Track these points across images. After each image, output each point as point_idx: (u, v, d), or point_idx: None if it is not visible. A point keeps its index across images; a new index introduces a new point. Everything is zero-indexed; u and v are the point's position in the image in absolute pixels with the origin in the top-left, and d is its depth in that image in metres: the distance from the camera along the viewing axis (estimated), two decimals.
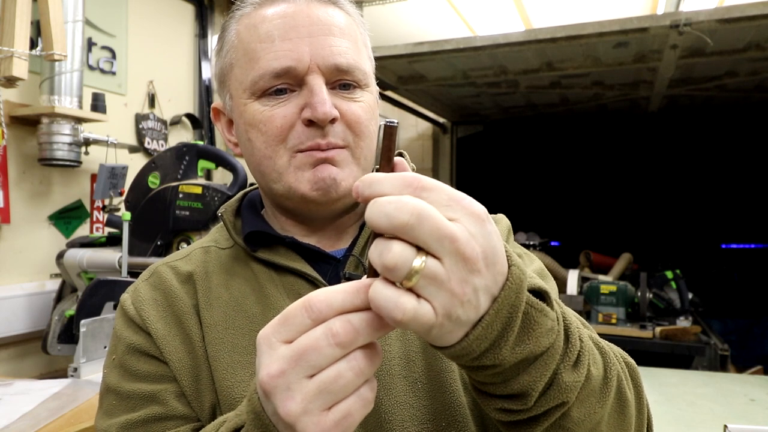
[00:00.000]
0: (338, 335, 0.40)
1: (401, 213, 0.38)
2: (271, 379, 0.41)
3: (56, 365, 2.31)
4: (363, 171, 0.71)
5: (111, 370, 0.71)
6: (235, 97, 0.71)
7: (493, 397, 0.50)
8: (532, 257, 0.81)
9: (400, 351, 0.68)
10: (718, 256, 5.75)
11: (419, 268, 0.39)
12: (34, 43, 2.06)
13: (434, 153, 5.26)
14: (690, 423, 1.79)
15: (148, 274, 0.76)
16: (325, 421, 0.41)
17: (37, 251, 2.30)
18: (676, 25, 2.55)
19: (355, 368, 0.41)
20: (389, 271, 0.39)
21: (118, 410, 0.68)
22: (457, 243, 0.39)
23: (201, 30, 3.15)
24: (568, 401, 0.50)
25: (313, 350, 0.40)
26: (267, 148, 0.68)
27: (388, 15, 3.47)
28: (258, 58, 0.67)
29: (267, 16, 0.68)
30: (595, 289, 3.38)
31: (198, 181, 2.20)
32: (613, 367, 0.56)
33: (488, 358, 0.44)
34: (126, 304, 0.73)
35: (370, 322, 0.41)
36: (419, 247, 0.39)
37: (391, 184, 0.41)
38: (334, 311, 0.41)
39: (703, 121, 5.20)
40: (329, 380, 0.40)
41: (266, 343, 0.43)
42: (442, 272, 0.39)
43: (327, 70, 0.67)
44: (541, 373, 0.47)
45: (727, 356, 2.98)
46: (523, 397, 0.48)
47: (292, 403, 0.41)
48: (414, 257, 0.39)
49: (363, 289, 0.42)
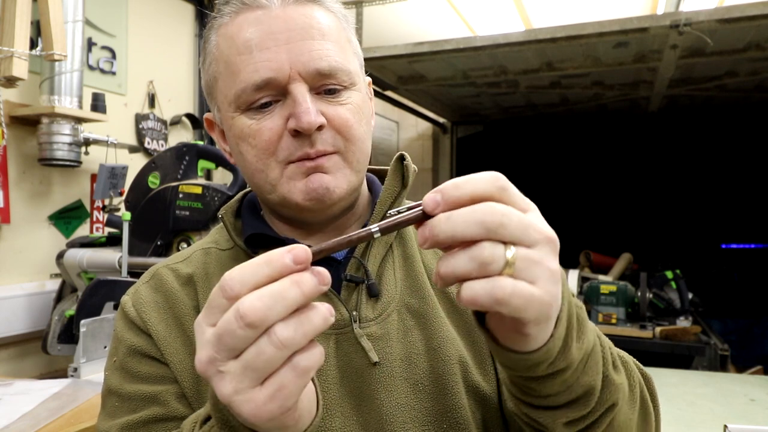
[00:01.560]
0: (246, 316, 0.39)
1: (493, 215, 0.42)
2: (203, 366, 0.42)
3: (56, 365, 2.31)
4: (356, 173, 0.70)
5: (112, 372, 0.71)
6: (222, 110, 0.71)
7: (559, 409, 0.53)
8: None
9: (401, 353, 0.68)
10: (718, 256, 5.75)
11: (514, 256, 0.42)
12: (34, 43, 2.06)
13: (434, 153, 5.26)
14: (690, 423, 1.79)
15: (149, 276, 0.76)
16: (258, 397, 0.40)
17: (37, 251, 2.30)
18: (676, 25, 2.55)
19: (276, 342, 0.40)
20: (486, 266, 0.41)
21: (120, 412, 0.68)
22: (541, 231, 0.44)
23: (201, 30, 3.15)
24: (617, 402, 0.55)
25: (228, 334, 0.40)
26: (258, 162, 0.67)
27: (388, 15, 3.47)
28: (238, 71, 0.66)
29: (243, 25, 0.66)
30: (595, 289, 3.38)
31: (198, 181, 2.20)
32: (634, 374, 0.61)
33: (562, 360, 0.48)
34: (126, 306, 0.73)
35: (281, 293, 0.40)
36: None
37: (473, 187, 0.44)
38: (248, 287, 0.41)
39: (703, 121, 5.20)
40: (251, 358, 0.40)
41: (198, 329, 0.43)
42: (536, 254, 0.43)
43: (309, 76, 0.65)
44: (596, 370, 0.52)
45: (727, 356, 2.98)
46: (586, 399, 0.52)
47: (223, 384, 0.41)
48: (504, 249, 0.42)
49: (274, 258, 0.41)
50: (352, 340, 0.68)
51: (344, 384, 0.66)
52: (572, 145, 5.91)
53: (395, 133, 5.17)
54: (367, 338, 0.68)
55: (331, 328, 0.68)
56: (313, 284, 0.41)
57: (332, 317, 0.42)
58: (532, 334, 0.45)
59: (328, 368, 0.66)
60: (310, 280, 0.41)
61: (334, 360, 0.67)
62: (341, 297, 0.69)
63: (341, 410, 0.65)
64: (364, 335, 0.68)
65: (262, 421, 0.41)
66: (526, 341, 0.46)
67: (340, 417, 0.64)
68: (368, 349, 0.67)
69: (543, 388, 0.50)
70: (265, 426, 0.42)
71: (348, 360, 0.67)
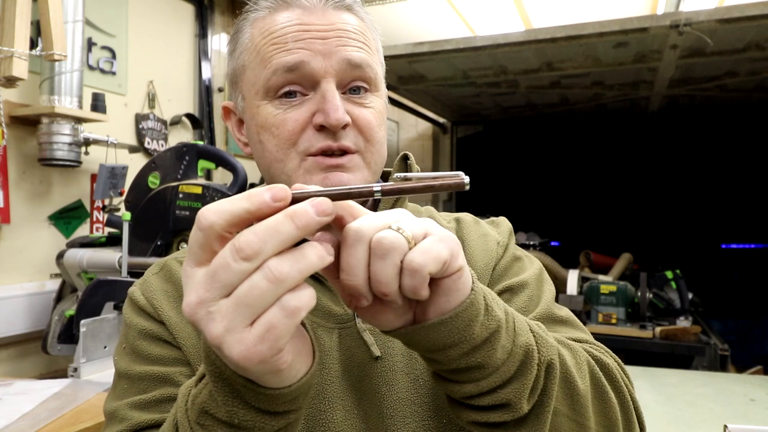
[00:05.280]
0: (242, 249, 0.39)
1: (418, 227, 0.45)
2: (192, 309, 0.40)
3: (56, 365, 2.30)
4: (373, 175, 0.71)
5: (122, 357, 0.70)
6: (247, 99, 0.72)
7: (510, 382, 0.53)
8: (532, 259, 0.82)
9: (403, 348, 0.69)
10: (718, 256, 5.75)
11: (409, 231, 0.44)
12: (34, 43, 2.05)
13: (434, 153, 5.26)
14: (690, 423, 1.79)
15: (158, 269, 0.76)
16: (248, 337, 0.39)
17: (37, 251, 2.30)
18: (676, 25, 2.56)
19: (269, 276, 0.39)
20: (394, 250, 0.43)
21: (129, 393, 0.67)
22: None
23: (201, 30, 3.14)
24: (555, 362, 0.55)
25: (223, 269, 0.39)
26: (278, 152, 0.68)
27: (388, 15, 3.48)
28: (271, 58, 0.67)
29: (281, 21, 0.68)
30: (595, 289, 3.38)
31: (198, 181, 2.20)
32: (574, 347, 0.61)
33: (492, 319, 0.50)
34: (135, 295, 0.73)
35: (275, 226, 0.39)
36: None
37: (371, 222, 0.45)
38: (223, 217, 0.40)
39: (703, 121, 5.20)
40: (244, 294, 0.39)
41: (185, 274, 0.42)
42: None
43: (339, 67, 0.67)
44: (525, 329, 0.53)
45: (727, 356, 2.98)
46: (530, 362, 0.52)
47: (213, 325, 0.39)
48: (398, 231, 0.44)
49: (253, 193, 0.41)
50: (354, 334, 0.68)
51: (346, 378, 0.66)
52: (572, 145, 5.91)
53: (395, 133, 5.17)
54: (369, 333, 0.69)
55: (334, 322, 0.69)
56: (307, 217, 0.40)
57: (330, 257, 0.41)
58: (454, 286, 0.46)
59: (331, 362, 0.67)
60: (305, 213, 0.40)
61: (336, 354, 0.67)
62: None
63: (342, 404, 0.65)
64: (366, 330, 0.69)
65: (252, 364, 0.39)
66: (454, 294, 0.47)
67: (341, 410, 0.65)
68: (370, 344, 0.68)
69: (489, 360, 0.49)
70: (256, 369, 0.41)
71: (350, 354, 0.67)
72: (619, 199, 5.85)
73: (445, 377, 0.53)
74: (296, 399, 0.46)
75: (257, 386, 0.44)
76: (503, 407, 0.52)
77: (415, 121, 5.12)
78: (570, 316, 0.75)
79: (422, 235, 0.45)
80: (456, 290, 0.47)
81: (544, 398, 0.54)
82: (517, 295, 0.73)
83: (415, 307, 0.49)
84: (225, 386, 0.45)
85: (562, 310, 0.75)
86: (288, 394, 0.45)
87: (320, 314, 0.69)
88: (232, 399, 0.45)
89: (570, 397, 0.57)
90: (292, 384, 0.45)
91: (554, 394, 0.54)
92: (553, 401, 0.54)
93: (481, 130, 5.43)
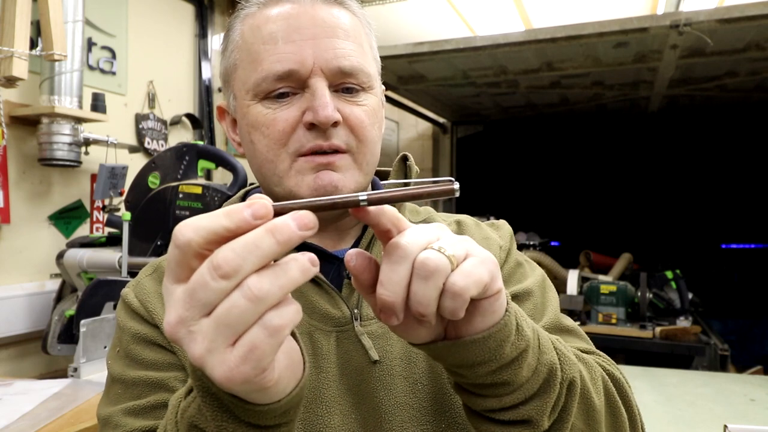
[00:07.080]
0: (220, 267, 0.37)
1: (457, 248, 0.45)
2: (172, 328, 0.39)
3: (56, 365, 2.30)
4: (365, 176, 0.70)
5: (115, 361, 0.70)
6: (238, 98, 0.71)
7: (532, 399, 0.53)
8: (533, 265, 0.81)
9: (401, 351, 0.68)
10: (718, 256, 5.75)
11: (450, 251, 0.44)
12: (34, 43, 2.05)
13: (434, 153, 5.26)
14: (690, 423, 1.79)
15: (151, 270, 0.75)
16: (230, 358, 0.37)
17: (37, 251, 2.30)
18: (676, 25, 2.56)
19: (248, 294, 0.37)
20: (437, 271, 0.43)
21: (123, 398, 0.66)
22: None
23: (201, 30, 3.14)
24: (576, 379, 0.56)
25: (201, 287, 0.37)
26: (269, 152, 0.67)
27: (388, 15, 3.47)
28: (261, 60, 0.66)
29: (271, 17, 0.67)
30: (595, 289, 3.38)
31: (198, 181, 2.20)
32: (591, 363, 0.62)
33: (521, 339, 0.49)
34: (129, 298, 0.72)
35: (254, 242, 0.37)
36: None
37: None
38: (200, 234, 0.38)
39: (703, 121, 5.20)
40: (223, 314, 0.37)
41: (166, 291, 0.40)
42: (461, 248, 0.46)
43: (330, 73, 0.66)
44: (550, 347, 0.53)
45: (727, 356, 2.98)
46: (553, 380, 0.53)
47: (194, 345, 0.38)
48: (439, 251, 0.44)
49: (233, 210, 0.39)
50: (352, 338, 0.68)
51: (344, 381, 0.66)
52: (572, 145, 5.91)
53: (395, 133, 5.17)
54: (367, 336, 0.68)
55: (332, 326, 0.68)
56: (289, 232, 0.38)
57: (315, 268, 0.39)
58: (491, 308, 0.47)
59: (328, 365, 0.66)
60: (285, 228, 0.38)
61: (334, 357, 0.67)
62: (342, 295, 0.70)
63: (340, 408, 0.65)
64: (364, 333, 0.68)
65: (236, 385, 0.38)
66: (490, 315, 0.47)
67: (339, 414, 0.64)
68: (369, 348, 0.67)
69: (515, 377, 0.50)
70: (241, 389, 0.40)
71: (348, 358, 0.67)
72: (619, 199, 5.85)
73: (468, 390, 0.53)
74: (287, 413, 0.46)
75: (245, 403, 0.43)
76: (524, 423, 0.53)
77: (415, 121, 5.12)
78: (575, 326, 0.75)
79: (463, 256, 0.44)
80: (492, 312, 0.47)
81: (564, 415, 0.54)
82: (522, 304, 0.73)
83: (447, 323, 0.49)
84: (213, 401, 0.45)
85: (567, 319, 0.76)
86: (277, 409, 0.44)
87: (318, 317, 0.68)
88: (221, 414, 0.45)
89: (586, 412, 0.58)
90: (282, 399, 0.44)
91: (574, 411, 0.55)
92: (572, 418, 0.55)
93: (481, 130, 5.43)
